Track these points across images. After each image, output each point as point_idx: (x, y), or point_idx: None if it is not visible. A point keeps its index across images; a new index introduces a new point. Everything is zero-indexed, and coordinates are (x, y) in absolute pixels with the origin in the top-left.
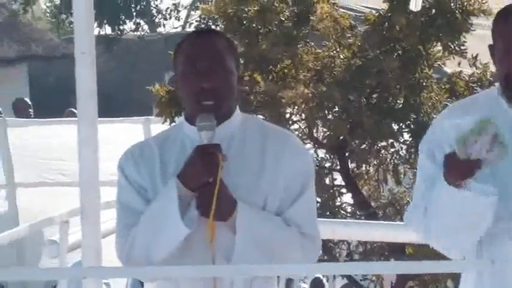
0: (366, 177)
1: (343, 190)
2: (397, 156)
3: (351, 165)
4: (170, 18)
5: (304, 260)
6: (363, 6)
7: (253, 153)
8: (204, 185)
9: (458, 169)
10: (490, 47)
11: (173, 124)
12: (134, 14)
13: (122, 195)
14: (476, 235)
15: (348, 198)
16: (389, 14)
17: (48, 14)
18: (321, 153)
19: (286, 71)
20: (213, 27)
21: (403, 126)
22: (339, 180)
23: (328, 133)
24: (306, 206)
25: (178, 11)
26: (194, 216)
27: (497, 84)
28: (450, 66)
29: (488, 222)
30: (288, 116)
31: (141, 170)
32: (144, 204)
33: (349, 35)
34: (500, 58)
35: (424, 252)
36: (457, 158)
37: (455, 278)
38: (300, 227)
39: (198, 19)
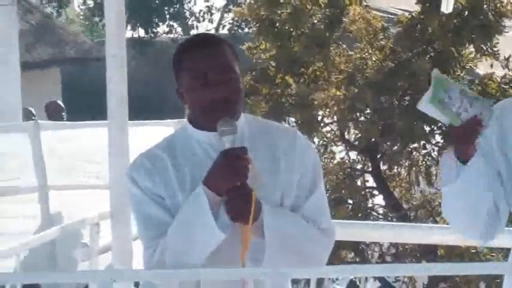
0: (397, 179)
1: (375, 192)
2: (429, 158)
3: (383, 167)
4: (203, 20)
5: (323, 254)
6: (395, 8)
7: (264, 153)
8: (232, 189)
9: (461, 135)
10: None
11: (175, 131)
12: (167, 16)
13: (140, 208)
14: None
15: (379, 200)
16: (421, 16)
17: (81, 17)
18: (353, 155)
19: (318, 73)
20: (246, 29)
21: (435, 128)
22: (370, 182)
23: (359, 135)
24: (320, 200)
25: (212, 14)
26: (226, 221)
27: None
28: (482, 68)
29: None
30: (319, 118)
31: (155, 180)
32: (165, 213)
33: (381, 37)
34: None
35: (456, 253)
36: (454, 128)
37: (488, 280)
38: (317, 223)
39: (231, 21)
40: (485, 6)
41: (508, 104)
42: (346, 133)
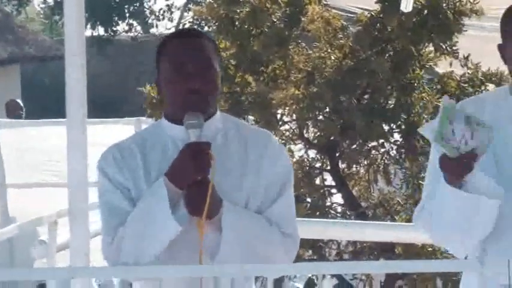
0: (356, 177)
1: (334, 190)
2: (388, 157)
3: (342, 166)
4: (163, 19)
5: (284, 259)
6: (355, 7)
7: (235, 153)
8: (193, 183)
9: (454, 168)
10: (500, 46)
11: (150, 124)
12: (127, 15)
13: (105, 196)
14: (481, 235)
15: (338, 198)
16: (381, 15)
17: (41, 15)
18: (312, 153)
19: (277, 72)
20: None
21: (394, 127)
22: (329, 180)
23: (318, 134)
24: (286, 206)
25: (172, 12)
26: (184, 214)
27: (506, 84)
28: (442, 67)
29: (492, 221)
30: (279, 116)
31: (123, 171)
32: (129, 204)
33: (341, 36)
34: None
35: (413, 251)
36: (448, 158)
37: (445, 277)
38: (280, 227)
39: (191, 20)
40: (444, 5)
41: (470, 102)
42: (305, 132)
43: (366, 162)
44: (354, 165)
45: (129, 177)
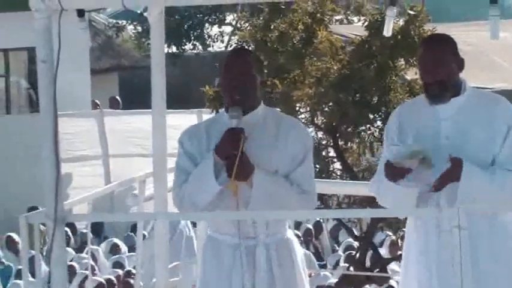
0: (350, 151)
1: (335, 160)
2: (373, 137)
3: (340, 143)
4: (217, 41)
5: (302, 207)
6: (350, 33)
7: (269, 135)
8: (231, 156)
9: (392, 174)
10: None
11: (214, 114)
12: (192, 37)
13: (179, 161)
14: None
15: (338, 165)
16: (368, 38)
17: (133, 38)
18: (320, 134)
19: (296, 78)
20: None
21: (377, 116)
22: (332, 153)
23: (325, 120)
24: (306, 170)
25: (223, 36)
26: (225, 177)
27: None
28: (410, 75)
29: (413, 199)
30: (297, 108)
31: (193, 143)
32: (193, 166)
33: (340, 53)
34: (420, 72)
35: None
36: (393, 165)
37: None
38: (301, 186)
39: (236, 42)
40: (412, 32)
41: (405, 106)
42: (315, 119)
43: (357, 141)
44: (349, 143)
45: (196, 148)
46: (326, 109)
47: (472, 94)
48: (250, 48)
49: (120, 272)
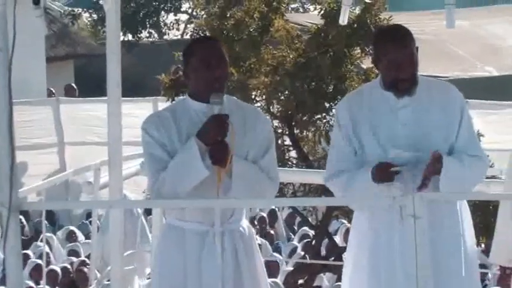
0: (306, 139)
1: (291, 148)
2: (328, 125)
3: (296, 131)
4: (173, 29)
5: (270, 195)
6: (306, 21)
7: (238, 123)
8: (215, 142)
9: (385, 176)
10: (373, 60)
11: (175, 101)
12: (148, 25)
13: (149, 149)
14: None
15: (293, 154)
16: (324, 27)
17: (88, 26)
18: (276, 122)
19: (252, 66)
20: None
21: (333, 105)
22: (287, 141)
23: (280, 109)
24: (271, 158)
25: (179, 24)
26: (209, 163)
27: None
28: (366, 64)
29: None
30: (253, 97)
31: (161, 132)
32: (167, 155)
33: (297, 41)
34: (386, 68)
35: None
36: (385, 167)
37: None
38: (268, 173)
39: (192, 30)
40: (368, 21)
41: (353, 97)
42: (271, 108)
43: (313, 129)
44: (305, 131)
45: (165, 136)
46: (282, 97)
47: (423, 82)
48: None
49: (75, 259)
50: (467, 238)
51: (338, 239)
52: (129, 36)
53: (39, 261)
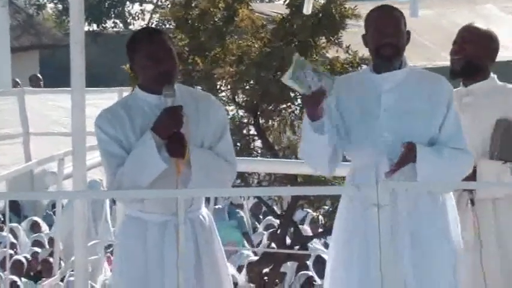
0: (271, 129)
1: (256, 138)
2: (293, 115)
3: (261, 121)
4: (138, 19)
5: (228, 179)
6: (271, 11)
7: (191, 111)
8: (171, 135)
9: (309, 102)
10: (363, 36)
11: (128, 94)
12: (113, 15)
13: (105, 146)
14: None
15: (259, 143)
16: (289, 17)
17: (53, 16)
18: (241, 112)
19: (217, 55)
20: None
21: (298, 94)
22: (252, 131)
23: (246, 99)
24: (227, 143)
25: (144, 14)
26: (166, 156)
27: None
28: (331, 53)
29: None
30: (218, 86)
31: (116, 127)
32: (123, 151)
33: (262, 31)
34: (371, 36)
35: (311, 181)
36: (306, 96)
37: (333, 198)
38: (226, 157)
39: (158, 20)
40: (334, 10)
41: (342, 79)
42: (236, 97)
43: (278, 119)
44: (270, 121)
45: (120, 132)
46: (247, 87)
47: (413, 70)
48: (170, 27)
49: (39, 250)
50: (452, 234)
51: (304, 229)
52: (94, 26)
53: (5, 251)
